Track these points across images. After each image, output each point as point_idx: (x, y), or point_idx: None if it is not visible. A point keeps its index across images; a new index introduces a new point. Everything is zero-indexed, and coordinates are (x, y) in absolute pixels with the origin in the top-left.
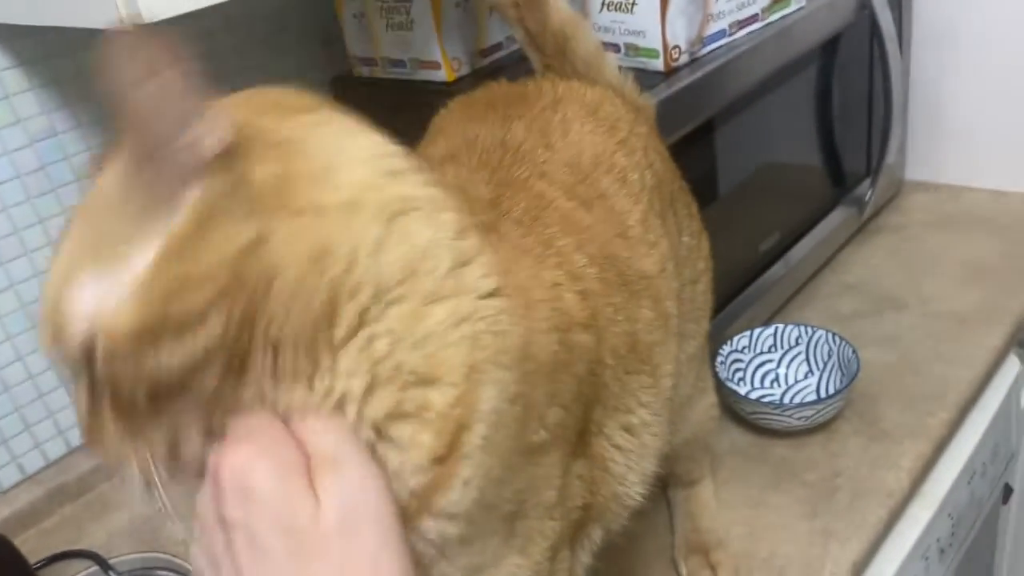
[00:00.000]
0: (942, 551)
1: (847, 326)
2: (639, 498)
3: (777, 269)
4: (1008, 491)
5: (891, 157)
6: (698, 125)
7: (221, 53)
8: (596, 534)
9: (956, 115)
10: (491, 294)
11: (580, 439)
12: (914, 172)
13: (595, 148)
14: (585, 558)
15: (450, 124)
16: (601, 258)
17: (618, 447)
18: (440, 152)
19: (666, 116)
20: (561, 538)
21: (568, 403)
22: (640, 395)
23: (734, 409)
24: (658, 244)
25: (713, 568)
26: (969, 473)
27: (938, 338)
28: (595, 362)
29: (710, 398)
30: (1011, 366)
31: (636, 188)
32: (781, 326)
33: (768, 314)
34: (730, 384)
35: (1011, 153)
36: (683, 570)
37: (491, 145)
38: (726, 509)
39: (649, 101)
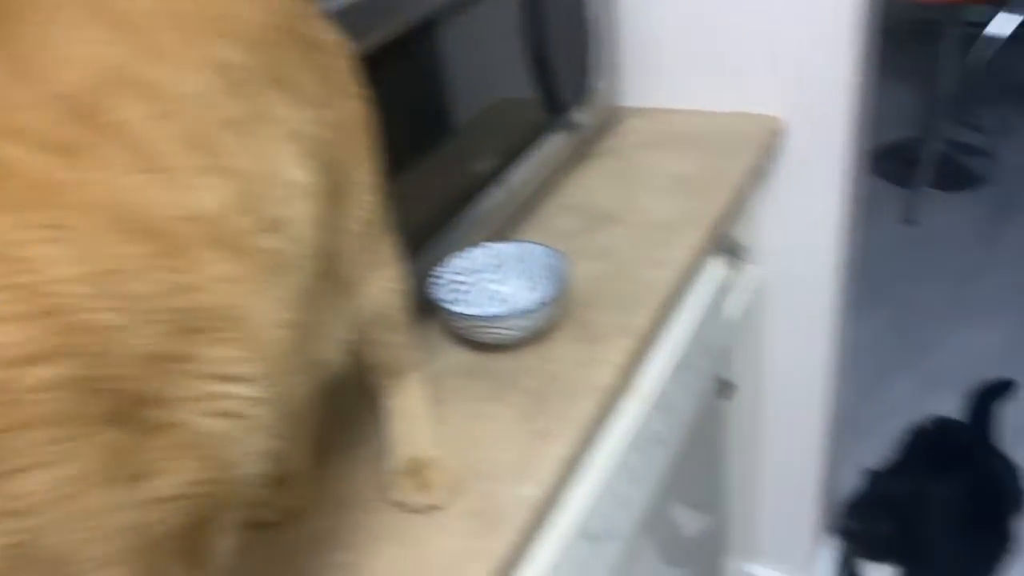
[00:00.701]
0: (661, 442)
1: (566, 242)
2: (260, 473)
3: (496, 194)
4: (729, 387)
5: (599, 83)
6: (400, 44)
7: None
8: (229, 517)
9: (665, 42)
10: None
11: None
12: (631, 99)
13: (103, 64)
14: (226, 542)
15: None
16: (108, 231)
17: (214, 434)
18: None
19: (350, 26)
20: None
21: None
22: (228, 370)
23: (452, 330)
24: (231, 167)
25: (427, 487)
26: (680, 368)
27: (648, 246)
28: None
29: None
30: (718, 270)
31: (179, 102)
32: (499, 244)
33: (488, 238)
34: (447, 304)
35: (713, 77)
36: (397, 495)
37: None
38: (443, 426)
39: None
